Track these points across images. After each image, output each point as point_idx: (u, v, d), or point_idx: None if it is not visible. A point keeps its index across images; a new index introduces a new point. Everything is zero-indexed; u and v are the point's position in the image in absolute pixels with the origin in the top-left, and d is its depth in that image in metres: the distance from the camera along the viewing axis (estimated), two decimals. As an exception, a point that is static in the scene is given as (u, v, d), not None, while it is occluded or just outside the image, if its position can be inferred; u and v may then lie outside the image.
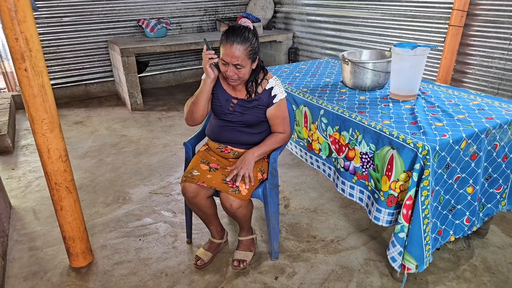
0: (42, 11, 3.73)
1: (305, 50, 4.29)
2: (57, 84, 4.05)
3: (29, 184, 2.45)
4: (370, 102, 1.76)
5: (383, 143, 1.41)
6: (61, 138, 1.55)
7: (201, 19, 4.58)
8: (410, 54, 1.64)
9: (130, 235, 1.92)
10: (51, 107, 1.48)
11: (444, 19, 2.88)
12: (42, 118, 1.47)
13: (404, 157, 1.32)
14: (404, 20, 3.15)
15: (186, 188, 1.48)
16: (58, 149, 1.54)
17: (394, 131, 1.40)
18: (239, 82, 1.46)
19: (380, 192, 1.42)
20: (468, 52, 2.80)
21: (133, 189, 2.37)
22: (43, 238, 1.91)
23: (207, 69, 1.44)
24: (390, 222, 1.42)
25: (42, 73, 1.43)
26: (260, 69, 1.53)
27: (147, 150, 2.91)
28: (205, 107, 1.53)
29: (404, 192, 1.36)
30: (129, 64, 3.64)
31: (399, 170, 1.34)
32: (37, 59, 1.41)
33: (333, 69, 2.43)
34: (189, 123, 1.57)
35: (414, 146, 1.29)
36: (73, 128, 3.41)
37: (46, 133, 1.50)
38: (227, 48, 1.36)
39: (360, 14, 3.50)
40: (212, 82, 1.48)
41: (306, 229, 1.93)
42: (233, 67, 1.39)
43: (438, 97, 1.78)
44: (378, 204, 1.43)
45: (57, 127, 1.52)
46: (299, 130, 1.96)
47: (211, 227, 1.70)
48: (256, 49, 1.41)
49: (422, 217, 1.30)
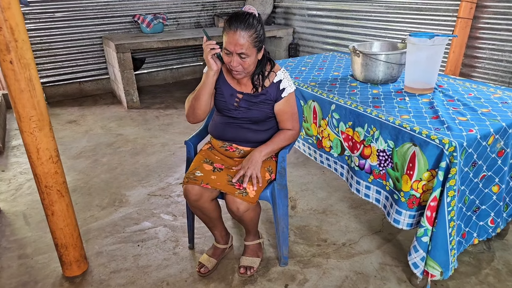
0: (33, 6, 3.60)
1: (306, 46, 4.19)
2: (50, 82, 3.91)
3: (19, 186, 2.32)
4: (384, 96, 1.64)
5: (403, 139, 1.30)
6: (52, 137, 1.42)
7: (199, 14, 4.47)
8: (427, 44, 1.53)
9: (127, 241, 1.79)
10: (40, 103, 1.36)
11: (452, 11, 2.77)
12: (30, 116, 1.35)
13: (428, 154, 1.21)
14: (410, 13, 3.05)
15: (189, 190, 1.36)
16: (48, 149, 1.42)
17: (416, 126, 1.29)
18: (244, 74, 1.35)
19: (400, 192, 1.31)
20: (477, 46, 2.70)
21: (130, 191, 2.24)
22: (34, 245, 1.78)
23: (209, 60, 1.33)
24: (411, 225, 1.32)
25: (29, 65, 1.31)
26: (267, 61, 1.42)
27: (144, 150, 2.78)
28: (208, 103, 1.41)
29: (427, 192, 1.25)
30: (124, 60, 3.51)
31: (422, 169, 1.23)
32: (24, 50, 1.28)
33: (340, 63, 2.32)
34: (190, 120, 1.45)
35: (440, 143, 1.18)
36: (66, 127, 3.27)
37: (34, 132, 1.37)
38: (230, 36, 1.25)
39: (363, 7, 3.39)
40: (215, 75, 1.37)
41: (316, 232, 1.82)
42: (237, 56, 1.28)
43: (456, 90, 1.68)
44: (398, 206, 1.32)
45: (47, 125, 1.40)
46: (307, 127, 1.85)
47: (215, 231, 1.59)
48: (261, 37, 1.30)
49: (448, 219, 1.19)
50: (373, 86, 1.80)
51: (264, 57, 1.39)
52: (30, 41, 3.67)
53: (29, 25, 3.63)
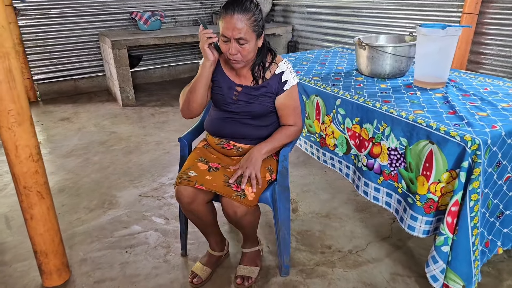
0: (29, 2, 3.52)
1: (305, 43, 4.11)
2: (44, 79, 3.81)
3: (4, 186, 2.19)
4: (393, 91, 1.52)
5: (418, 136, 1.17)
6: (32, 133, 1.30)
7: (197, 12, 4.39)
8: (440, 35, 1.41)
9: (115, 247, 1.66)
10: (20, 96, 1.24)
11: (457, 6, 2.67)
12: (8, 109, 1.23)
13: (447, 153, 1.08)
14: (412, 9, 2.96)
15: (181, 192, 1.23)
16: (28, 146, 1.29)
17: (432, 122, 1.16)
18: (243, 63, 1.23)
19: (416, 195, 1.18)
20: (483, 42, 2.59)
21: (121, 191, 2.11)
22: (14, 251, 1.65)
23: (205, 50, 1.22)
24: (427, 232, 1.18)
25: (9, 54, 1.19)
26: (268, 51, 1.30)
27: (138, 148, 2.65)
28: (204, 96, 1.29)
29: (446, 196, 1.12)
30: (120, 57, 3.40)
31: (441, 169, 1.10)
32: (3, 38, 1.17)
33: (343, 58, 2.19)
34: (185, 115, 1.33)
35: (461, 140, 1.05)
36: (58, 125, 3.15)
37: (13, 127, 1.25)
38: (227, 21, 1.15)
39: (364, 4, 3.32)
40: (211, 66, 1.25)
41: (319, 237, 1.69)
42: (236, 43, 1.17)
43: (470, 85, 1.55)
44: (413, 211, 1.19)
45: (27, 120, 1.27)
46: (309, 124, 1.72)
47: (210, 237, 1.45)
48: (260, 22, 1.20)
49: (471, 226, 1.06)
50: (380, 81, 1.67)
51: (265, 46, 1.28)
52: (25, 37, 3.60)
53: (24, 21, 3.55)
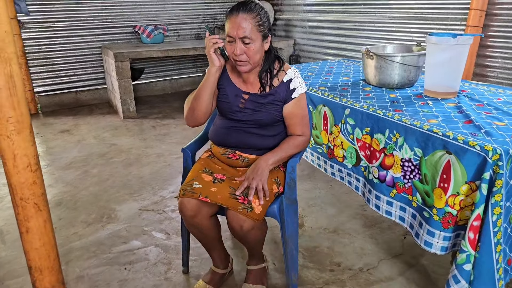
0: (33, 15, 3.55)
1: (307, 57, 4.14)
2: (45, 91, 3.80)
3: (0, 199, 2.12)
4: (404, 100, 1.47)
5: (434, 146, 1.11)
6: (32, 141, 1.25)
7: (200, 26, 4.44)
8: (451, 44, 1.38)
9: (113, 263, 1.58)
10: (21, 103, 1.19)
11: (461, 20, 2.67)
12: (7, 116, 1.18)
13: (466, 163, 1.03)
14: (415, 23, 2.97)
15: (185, 204, 1.17)
16: (26, 155, 1.23)
17: (448, 131, 1.11)
18: (249, 66, 1.20)
19: (432, 209, 1.12)
20: (488, 54, 2.58)
21: (121, 205, 2.04)
22: (8, 267, 1.57)
23: (212, 55, 1.19)
24: (446, 249, 1.11)
25: (11, 60, 1.16)
26: (275, 59, 1.27)
27: (138, 161, 2.60)
28: (209, 103, 1.25)
29: (465, 209, 1.06)
30: (122, 69, 3.40)
31: (460, 181, 1.04)
32: (5, 43, 1.14)
33: (349, 69, 2.17)
34: (189, 122, 1.29)
35: (481, 149, 1.00)
36: (58, 137, 3.10)
37: (12, 135, 1.20)
38: (232, 20, 1.15)
39: (366, 18, 3.33)
40: (217, 72, 1.22)
41: (328, 254, 1.61)
42: (241, 43, 1.15)
43: (482, 95, 1.51)
44: (430, 225, 1.12)
45: (27, 128, 1.22)
46: (316, 135, 1.67)
47: (214, 253, 1.38)
48: (266, 23, 1.19)
49: (494, 242, 0.99)
50: (389, 91, 1.63)
51: (272, 53, 1.25)
52: (28, 50, 3.62)
53: (28, 34, 3.57)
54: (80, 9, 3.72)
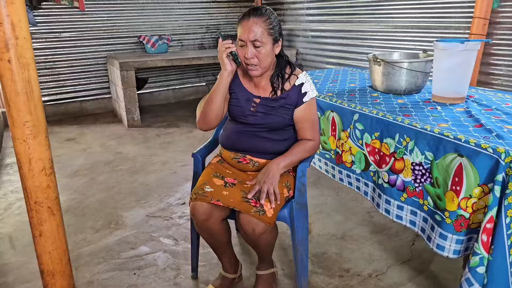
0: (40, 26, 3.62)
1: (309, 67, 4.17)
2: (51, 100, 3.84)
3: (9, 206, 2.13)
4: (412, 106, 1.49)
5: (446, 150, 1.13)
6: (47, 146, 1.26)
7: (203, 36, 4.49)
8: (459, 49, 1.40)
9: (122, 268, 1.57)
10: (37, 108, 1.21)
11: (464, 28, 2.70)
12: (24, 121, 1.19)
13: (478, 166, 1.03)
14: (418, 32, 2.99)
15: (197, 208, 1.17)
16: (41, 159, 1.25)
17: (460, 134, 1.12)
18: (260, 69, 1.23)
19: (445, 212, 1.12)
20: (492, 62, 2.61)
21: (128, 211, 2.04)
22: (17, 272, 1.57)
23: (224, 60, 1.22)
24: (458, 252, 1.11)
25: (29, 65, 1.18)
26: (286, 64, 1.30)
27: (144, 168, 2.60)
28: (221, 107, 1.27)
29: (478, 212, 1.06)
30: (128, 78, 3.44)
31: (472, 184, 1.05)
32: (24, 49, 1.17)
33: (354, 76, 2.20)
34: (201, 126, 1.31)
35: (494, 152, 1.01)
36: (64, 145, 3.12)
37: (28, 139, 1.21)
38: (243, 25, 1.20)
39: (369, 27, 3.36)
40: (229, 76, 1.24)
41: (336, 260, 1.60)
42: (252, 46, 1.19)
43: (490, 100, 1.53)
44: (442, 228, 1.12)
45: (43, 132, 1.24)
46: (324, 141, 1.68)
47: (224, 258, 1.37)
48: (276, 27, 1.23)
49: (508, 245, 0.99)
50: (396, 97, 1.65)
51: (283, 58, 1.28)
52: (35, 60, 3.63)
53: (35, 44, 3.62)
54: (86, 19, 3.78)
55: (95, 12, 3.81)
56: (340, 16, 3.60)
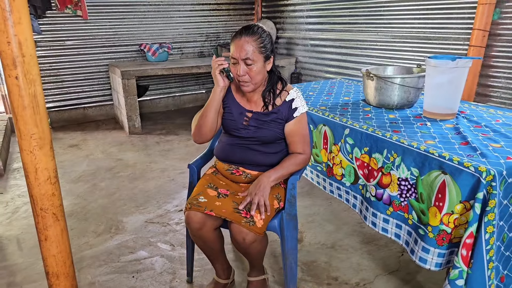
0: (45, 34, 3.69)
1: (308, 75, 4.19)
2: (55, 107, 3.92)
3: (16, 209, 2.20)
4: (402, 121, 1.55)
5: (431, 167, 1.18)
6: (52, 156, 1.33)
7: (203, 44, 4.53)
8: (450, 67, 1.45)
9: (122, 271, 1.63)
10: (43, 121, 1.28)
11: (463, 39, 2.70)
12: (31, 133, 1.26)
13: (461, 184, 1.08)
14: (417, 42, 3.00)
15: (191, 217, 1.23)
16: (47, 169, 1.32)
17: (444, 152, 1.17)
18: (252, 86, 1.28)
19: (428, 227, 1.17)
20: (491, 74, 2.60)
21: (127, 217, 2.09)
22: (25, 273, 1.63)
23: (217, 76, 1.28)
24: (440, 265, 1.15)
25: (35, 81, 1.25)
26: (278, 79, 1.35)
27: (143, 175, 2.66)
28: (214, 120, 1.33)
29: (459, 227, 1.11)
30: (129, 86, 3.52)
31: (454, 200, 1.10)
32: (31, 66, 1.23)
33: (349, 88, 2.25)
34: (196, 139, 1.37)
35: (476, 170, 1.06)
36: (67, 151, 3.19)
37: (34, 150, 1.28)
38: (235, 43, 1.24)
39: (368, 37, 3.38)
40: (221, 91, 1.30)
41: (325, 268, 1.64)
42: (243, 64, 1.24)
43: (481, 117, 1.57)
44: (425, 242, 1.17)
45: (48, 144, 1.31)
46: (316, 153, 1.73)
47: (217, 264, 1.42)
48: (268, 45, 1.27)
49: (487, 260, 1.04)
50: (388, 111, 1.71)
51: (275, 74, 1.34)
52: (40, 67, 3.71)
53: (40, 52, 3.70)
54: (89, 28, 3.85)
55: (97, 21, 3.88)
56: (340, 25, 3.62)
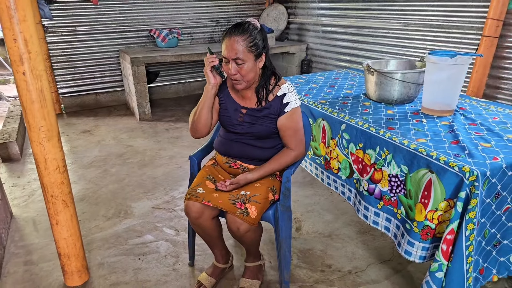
0: (56, 19, 3.74)
1: (319, 62, 4.14)
2: (68, 92, 4.02)
3: (32, 193, 2.35)
4: (399, 117, 1.57)
5: (419, 165, 1.22)
6: (60, 147, 1.43)
7: (213, 29, 4.51)
8: (449, 63, 1.45)
9: (129, 253, 1.76)
10: (50, 114, 1.37)
11: (477, 29, 2.62)
12: (39, 126, 1.36)
13: (445, 182, 1.13)
14: (430, 30, 2.92)
15: (190, 207, 1.32)
16: (55, 159, 1.42)
17: (433, 151, 1.21)
18: (244, 83, 1.31)
19: (413, 222, 1.22)
20: (503, 66, 2.52)
21: (136, 202, 2.22)
22: (40, 252, 1.78)
23: (208, 73, 1.33)
24: (424, 258, 1.22)
25: (41, 77, 1.33)
26: (272, 74, 1.37)
27: (152, 162, 2.78)
28: (208, 117, 1.38)
29: (443, 224, 1.16)
30: (139, 73, 3.57)
31: (439, 198, 1.15)
32: (36, 62, 1.31)
33: (353, 81, 2.26)
34: (193, 135, 1.43)
35: (460, 171, 1.10)
36: (80, 137, 3.33)
37: (43, 142, 1.38)
38: (226, 43, 1.26)
39: (380, 24, 3.31)
40: (213, 89, 1.35)
41: (320, 256, 1.73)
42: (234, 63, 1.26)
43: (479, 114, 1.58)
44: (410, 236, 1.23)
45: (56, 136, 1.41)
46: (315, 146, 1.79)
47: (215, 250, 1.53)
48: (259, 44, 1.26)
49: (466, 255, 1.09)
50: (387, 106, 1.73)
51: (268, 69, 1.35)
52: (52, 53, 3.80)
53: (51, 38, 3.77)
54: (99, 13, 3.88)
55: (107, 6, 3.90)
56: (352, 11, 3.54)
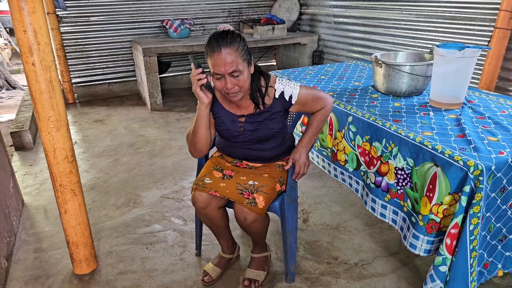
0: (70, 10, 3.80)
1: (331, 54, 4.11)
2: (81, 82, 4.10)
3: (44, 181, 2.42)
4: (406, 110, 1.55)
5: (424, 158, 1.21)
6: (68, 137, 1.46)
7: (225, 20, 4.52)
8: (457, 56, 1.43)
9: (137, 242, 1.81)
10: (59, 104, 1.40)
11: (489, 21, 2.59)
12: (48, 116, 1.39)
13: (450, 176, 1.12)
14: (442, 22, 2.88)
15: (197, 197, 1.35)
16: (64, 149, 1.46)
17: (438, 145, 1.20)
18: (242, 94, 1.24)
19: (419, 215, 1.22)
20: None
21: (145, 192, 2.27)
22: (50, 240, 1.84)
23: (198, 93, 1.23)
24: (429, 251, 1.22)
25: (50, 67, 1.35)
26: (259, 75, 1.32)
27: (162, 152, 2.82)
28: (207, 135, 1.34)
29: (448, 217, 1.16)
30: (150, 64, 3.61)
31: (443, 192, 1.14)
32: (46, 53, 1.33)
33: (363, 73, 2.23)
34: (194, 155, 1.37)
35: (464, 165, 1.08)
36: (93, 126, 3.40)
37: (52, 132, 1.42)
38: (216, 57, 1.15)
39: (392, 15, 3.27)
40: (207, 108, 1.27)
41: (327, 248, 1.74)
42: (230, 77, 1.18)
43: (488, 107, 1.55)
44: (416, 230, 1.23)
45: (64, 126, 1.44)
46: (322, 138, 1.78)
47: (222, 240, 1.56)
48: (246, 48, 1.20)
49: (470, 249, 1.09)
50: (395, 99, 1.71)
51: (255, 71, 1.30)
52: (66, 43, 3.89)
53: (65, 28, 3.84)
54: (113, 3, 3.93)
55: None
56: (364, 2, 3.51)
